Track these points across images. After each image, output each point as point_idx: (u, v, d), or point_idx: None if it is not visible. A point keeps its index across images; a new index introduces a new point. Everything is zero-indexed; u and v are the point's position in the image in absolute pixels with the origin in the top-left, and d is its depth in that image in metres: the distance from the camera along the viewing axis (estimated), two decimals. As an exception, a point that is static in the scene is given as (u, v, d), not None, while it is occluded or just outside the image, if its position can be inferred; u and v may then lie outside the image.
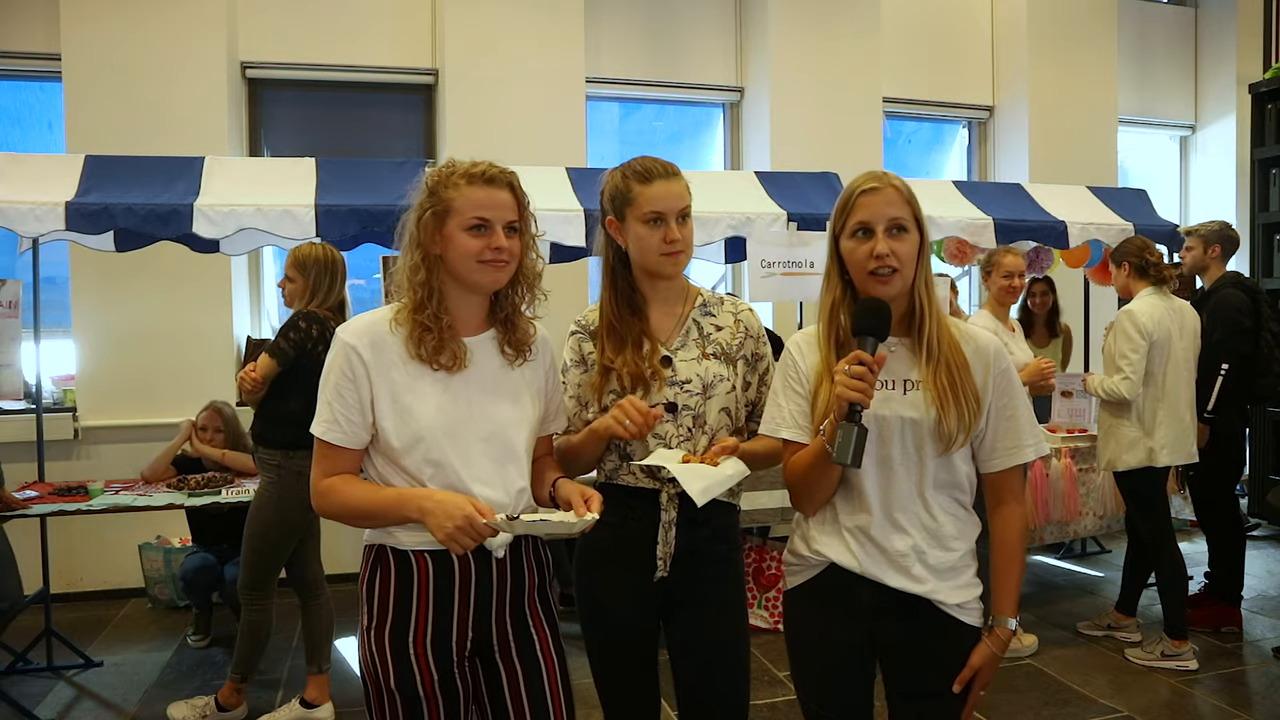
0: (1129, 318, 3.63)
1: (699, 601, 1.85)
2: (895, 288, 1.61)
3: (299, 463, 3.00)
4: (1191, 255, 4.20)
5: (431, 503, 1.47)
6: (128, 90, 4.79)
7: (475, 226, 1.58)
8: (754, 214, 4.20)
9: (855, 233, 1.62)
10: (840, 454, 1.47)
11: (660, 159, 1.85)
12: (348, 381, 1.58)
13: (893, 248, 1.59)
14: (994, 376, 1.65)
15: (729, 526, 1.91)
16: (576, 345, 1.92)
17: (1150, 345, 3.60)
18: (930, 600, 1.63)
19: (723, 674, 1.85)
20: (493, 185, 1.61)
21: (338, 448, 1.60)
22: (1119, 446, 3.68)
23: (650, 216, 1.80)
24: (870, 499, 1.64)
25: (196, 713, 3.25)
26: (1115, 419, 3.70)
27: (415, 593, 1.59)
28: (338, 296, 3.21)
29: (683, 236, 1.82)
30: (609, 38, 5.84)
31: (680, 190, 1.82)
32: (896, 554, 1.62)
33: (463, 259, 1.59)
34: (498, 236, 1.59)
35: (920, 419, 1.61)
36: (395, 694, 1.59)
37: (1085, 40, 6.63)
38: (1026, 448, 1.66)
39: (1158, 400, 3.64)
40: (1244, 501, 5.59)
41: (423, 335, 1.58)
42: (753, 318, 1.95)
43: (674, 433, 1.82)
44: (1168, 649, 3.66)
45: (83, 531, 4.65)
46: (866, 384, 1.49)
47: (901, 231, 1.60)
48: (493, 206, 1.59)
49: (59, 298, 4.84)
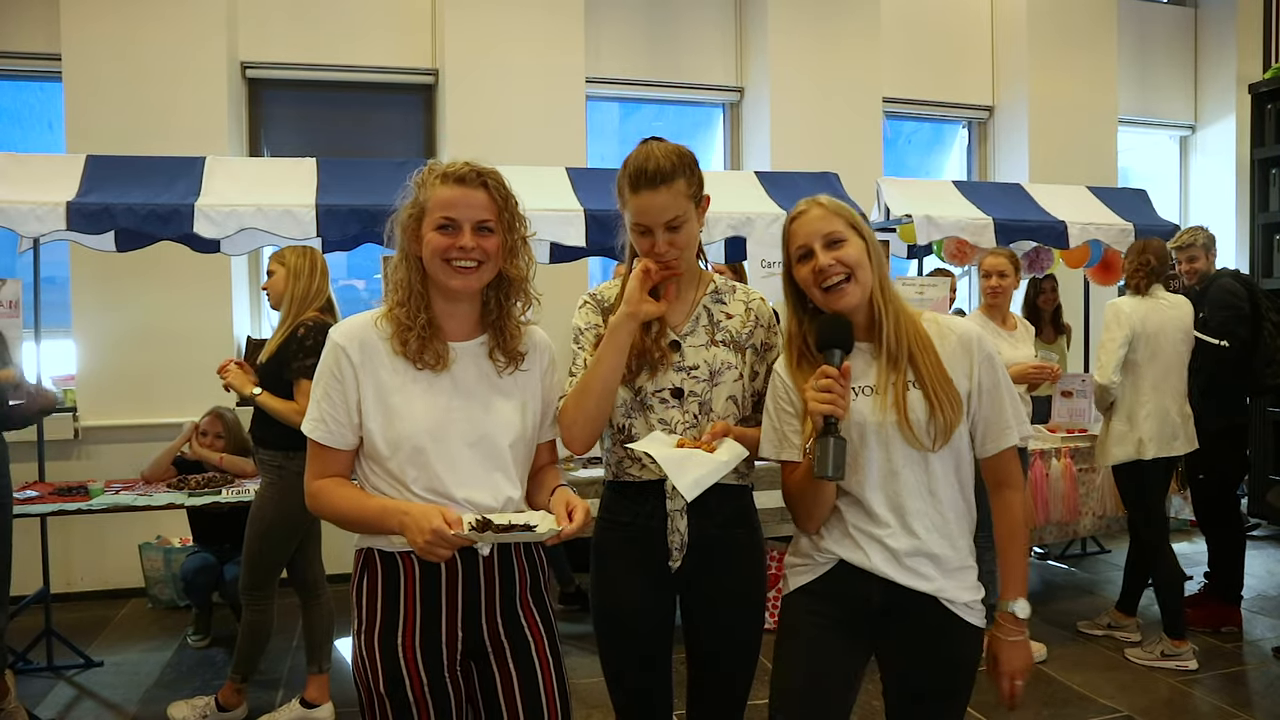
0: (1113, 309, 3.70)
1: (715, 586, 1.82)
2: (854, 296, 1.63)
3: (300, 464, 2.97)
4: (1200, 265, 4.17)
5: (409, 517, 1.46)
6: (128, 90, 4.80)
7: (442, 226, 1.58)
8: (754, 214, 4.21)
9: (799, 258, 1.67)
10: (820, 468, 1.51)
11: (659, 153, 1.74)
12: (336, 382, 1.59)
13: (835, 257, 1.62)
14: (979, 363, 1.67)
15: (743, 509, 1.87)
16: (589, 313, 1.89)
17: (1134, 336, 3.62)
18: (938, 599, 1.63)
19: (731, 655, 1.84)
20: (464, 184, 1.59)
21: (328, 448, 1.61)
22: (1109, 441, 3.72)
23: (635, 226, 1.77)
24: (875, 503, 1.64)
25: (196, 713, 3.25)
26: (1108, 416, 3.74)
27: (403, 595, 1.59)
28: (322, 293, 3.18)
29: (673, 244, 1.75)
30: (609, 38, 5.84)
31: (665, 201, 1.71)
32: (905, 553, 1.62)
33: (431, 259, 1.59)
34: (463, 236, 1.57)
35: (886, 421, 1.62)
36: (386, 698, 1.59)
37: (1085, 40, 6.63)
38: (1010, 430, 1.68)
39: (1143, 393, 3.66)
40: (1244, 501, 5.59)
41: (404, 334, 1.59)
42: (764, 307, 1.93)
43: (680, 419, 1.79)
44: (1167, 649, 3.67)
45: (83, 531, 4.66)
46: (835, 395, 1.53)
47: (839, 243, 1.63)
48: (461, 206, 1.58)
49: (59, 298, 4.83)
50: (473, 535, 1.45)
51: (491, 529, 1.47)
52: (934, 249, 5.41)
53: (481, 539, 1.47)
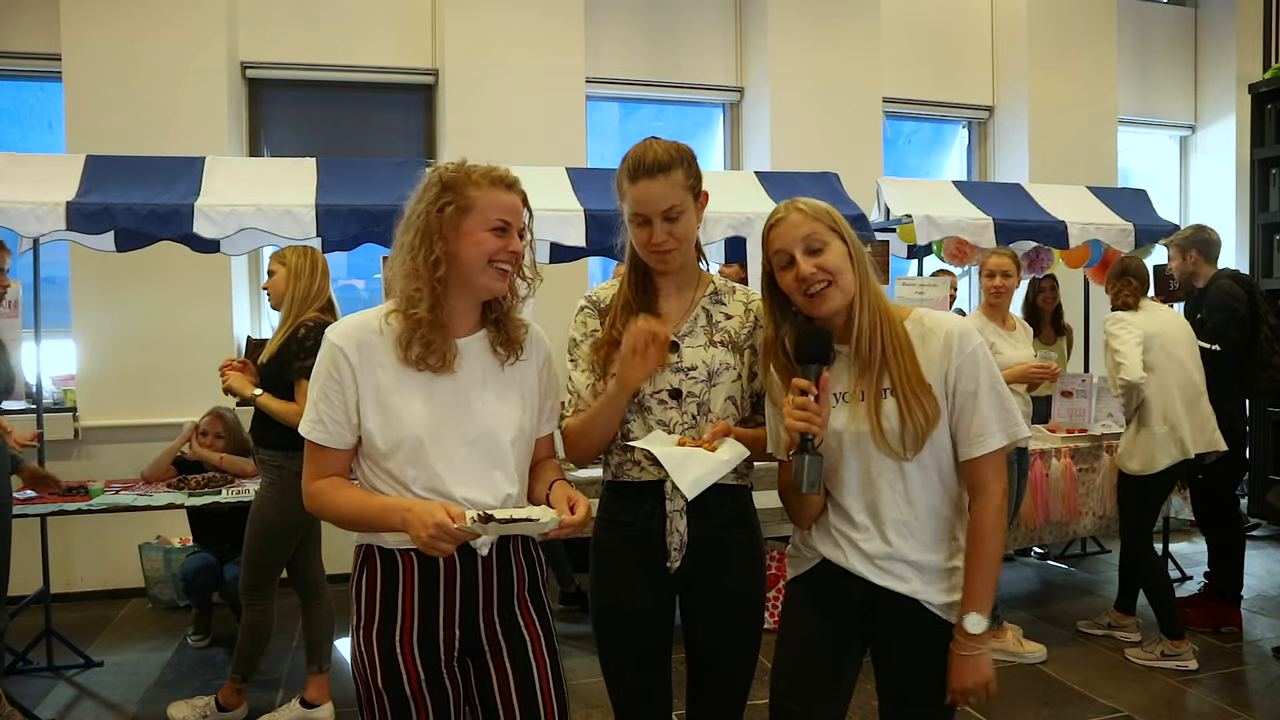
0: (1113, 318, 3.71)
1: (714, 586, 1.81)
2: (836, 300, 1.61)
3: (300, 464, 2.99)
4: (1175, 265, 4.25)
5: (411, 514, 1.47)
6: (128, 90, 4.80)
7: (499, 228, 1.60)
8: (754, 214, 4.21)
9: (781, 265, 1.65)
10: (797, 480, 1.55)
11: (658, 146, 1.77)
12: (333, 382, 1.59)
13: (816, 263, 1.60)
14: (957, 365, 1.60)
15: (743, 509, 1.87)
16: (585, 321, 1.89)
17: (1145, 338, 3.62)
18: (918, 601, 1.64)
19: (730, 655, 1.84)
20: (512, 191, 1.65)
21: (325, 448, 1.62)
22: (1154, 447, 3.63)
23: (634, 216, 1.78)
24: (853, 509, 1.66)
25: (196, 713, 3.25)
26: (1139, 422, 3.68)
27: (401, 592, 1.60)
28: (323, 293, 3.18)
29: (671, 235, 1.76)
30: (609, 38, 5.84)
31: (664, 190, 1.73)
32: (879, 557, 1.63)
33: (477, 258, 1.59)
34: (514, 240, 1.62)
35: (860, 430, 1.61)
36: (384, 694, 1.60)
37: (1085, 40, 6.63)
38: (989, 436, 1.60)
39: (1170, 391, 3.64)
40: (1244, 501, 5.58)
41: (414, 335, 1.58)
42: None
43: (678, 420, 1.79)
44: (1167, 649, 3.67)
45: (83, 531, 4.66)
46: (811, 413, 1.54)
47: (821, 248, 1.61)
48: (513, 211, 1.63)
49: (59, 298, 4.83)
50: (476, 528, 1.46)
51: (494, 522, 1.47)
52: (934, 249, 5.41)
53: (485, 531, 1.48)
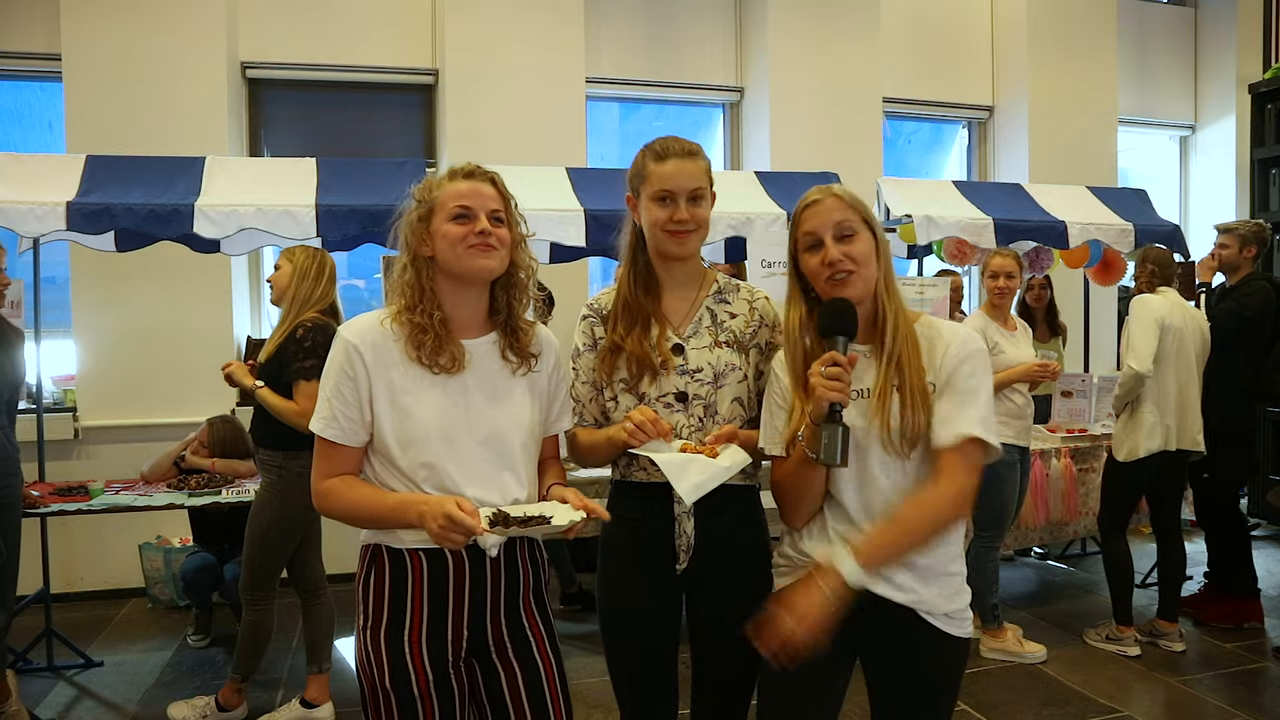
0: (1140, 302, 3.74)
1: (721, 586, 1.81)
2: (856, 289, 1.61)
3: (300, 464, 3.00)
4: (1226, 253, 4.18)
5: (426, 506, 1.48)
6: (128, 90, 4.80)
7: (459, 215, 1.60)
8: (754, 214, 4.20)
9: (808, 247, 1.64)
10: (828, 455, 1.50)
11: (684, 140, 1.81)
12: (347, 379, 1.59)
13: (844, 251, 1.60)
14: (952, 368, 1.60)
15: (750, 510, 1.86)
16: (589, 329, 1.88)
17: (1164, 329, 3.66)
18: (916, 610, 1.61)
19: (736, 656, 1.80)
20: (473, 179, 1.64)
21: (337, 445, 1.61)
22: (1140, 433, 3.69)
23: (660, 195, 1.77)
24: (851, 509, 1.63)
25: (196, 713, 3.25)
26: (1132, 407, 3.74)
27: (410, 591, 1.60)
28: (326, 297, 3.18)
29: (693, 217, 1.77)
30: (609, 38, 5.84)
31: (694, 170, 1.77)
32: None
33: (449, 248, 1.60)
34: (482, 222, 1.61)
35: (870, 425, 1.59)
36: (390, 693, 1.59)
37: (1085, 40, 6.63)
38: (965, 424, 1.55)
39: (1168, 383, 3.69)
40: (1244, 501, 5.58)
41: (419, 336, 1.58)
42: (769, 305, 1.92)
43: (685, 423, 1.79)
44: (1113, 633, 3.85)
45: (83, 531, 4.65)
46: (843, 383, 1.51)
47: (850, 236, 1.61)
48: (475, 196, 1.62)
49: (59, 298, 4.83)
50: (496, 531, 1.47)
51: (513, 523, 1.48)
52: (934, 249, 5.41)
53: (506, 534, 1.49)
